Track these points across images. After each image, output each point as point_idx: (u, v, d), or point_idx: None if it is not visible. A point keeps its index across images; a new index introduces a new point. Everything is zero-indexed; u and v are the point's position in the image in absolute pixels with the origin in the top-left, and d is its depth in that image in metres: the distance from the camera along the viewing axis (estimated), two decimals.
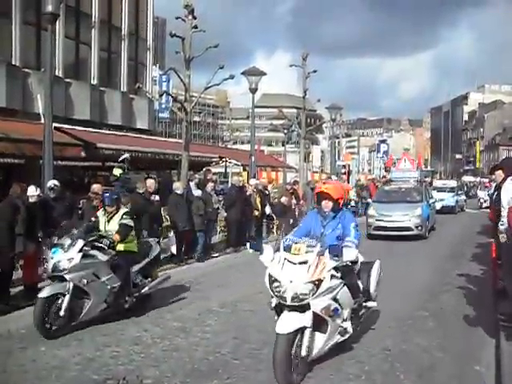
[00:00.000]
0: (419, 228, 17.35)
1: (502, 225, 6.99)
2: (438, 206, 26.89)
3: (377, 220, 17.57)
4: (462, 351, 6.48)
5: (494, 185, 12.93)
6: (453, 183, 35.42)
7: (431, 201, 20.17)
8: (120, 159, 14.85)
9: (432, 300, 9.15)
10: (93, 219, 8.32)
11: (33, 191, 8.89)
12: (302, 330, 5.43)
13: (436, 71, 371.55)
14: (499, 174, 8.69)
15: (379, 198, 19.71)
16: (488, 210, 12.22)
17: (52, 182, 9.98)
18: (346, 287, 5.94)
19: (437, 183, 36.25)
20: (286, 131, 32.89)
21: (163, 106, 38.86)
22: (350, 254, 5.82)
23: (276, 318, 5.66)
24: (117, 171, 14.53)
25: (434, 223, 20.08)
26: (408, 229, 17.20)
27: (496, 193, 9.12)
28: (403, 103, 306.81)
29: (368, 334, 7.12)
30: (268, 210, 16.91)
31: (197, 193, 13.68)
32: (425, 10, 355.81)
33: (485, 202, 30.51)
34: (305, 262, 5.58)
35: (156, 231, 11.88)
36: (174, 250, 12.59)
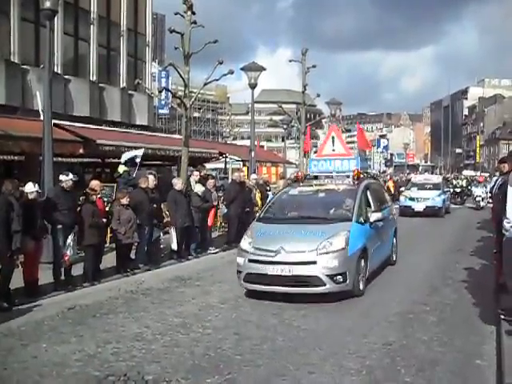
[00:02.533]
0: (338, 278, 8.42)
1: (508, 222, 6.71)
2: (421, 206, 23.77)
3: (250, 261, 8.82)
4: (463, 345, 6.48)
5: (494, 178, 12.97)
6: (436, 178, 29.14)
7: (375, 216, 9.89)
8: (134, 154, 15.13)
9: (433, 294, 9.15)
10: None
11: (31, 188, 8.87)
12: None
13: (437, 66, 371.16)
14: (503, 166, 8.67)
15: (269, 214, 10.34)
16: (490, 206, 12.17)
17: (72, 175, 9.97)
18: None
19: (417, 179, 29.44)
20: (285, 127, 32.88)
21: (163, 102, 38.84)
22: None
23: None
24: (121, 168, 14.66)
25: (390, 257, 11.52)
26: (312, 280, 8.43)
27: (500, 185, 9.10)
28: (403, 98, 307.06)
29: (369, 328, 7.12)
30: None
31: (198, 189, 13.68)
32: (426, 5, 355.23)
33: (482, 200, 28.07)
34: None
35: (157, 226, 11.99)
36: (174, 246, 12.60)
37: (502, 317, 6.97)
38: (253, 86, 18.85)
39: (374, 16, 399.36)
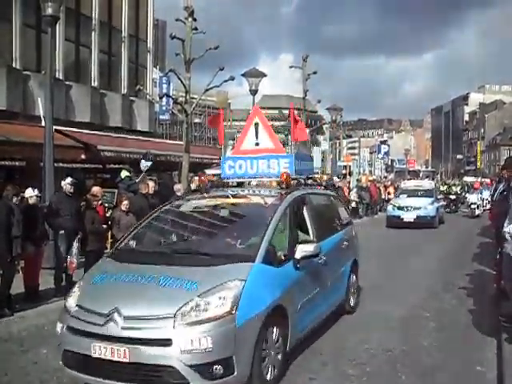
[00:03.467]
0: (216, 369, 4.60)
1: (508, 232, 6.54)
2: (411, 216, 21.35)
3: (69, 329, 5.03)
4: (464, 352, 6.47)
5: (493, 186, 12.98)
6: (429, 184, 26.17)
7: (302, 251, 5.96)
8: (145, 165, 15.29)
9: (433, 300, 9.14)
10: None
11: (30, 192, 8.88)
12: None
13: (438, 72, 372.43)
14: (504, 172, 8.67)
15: (133, 244, 6.40)
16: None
17: (71, 179, 9.97)
18: None
19: (407, 184, 26.74)
20: (286, 132, 32.93)
21: (164, 107, 38.79)
22: None
23: None
24: (123, 173, 14.70)
25: (343, 303, 7.91)
26: (165, 375, 4.57)
27: (501, 191, 9.10)
28: (404, 104, 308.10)
29: (369, 334, 7.11)
30: None
31: None
32: (429, 11, 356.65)
33: (478, 207, 26.61)
34: None
35: None
36: None
37: (503, 323, 6.97)
38: (254, 92, 18.90)
39: (376, 22, 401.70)
